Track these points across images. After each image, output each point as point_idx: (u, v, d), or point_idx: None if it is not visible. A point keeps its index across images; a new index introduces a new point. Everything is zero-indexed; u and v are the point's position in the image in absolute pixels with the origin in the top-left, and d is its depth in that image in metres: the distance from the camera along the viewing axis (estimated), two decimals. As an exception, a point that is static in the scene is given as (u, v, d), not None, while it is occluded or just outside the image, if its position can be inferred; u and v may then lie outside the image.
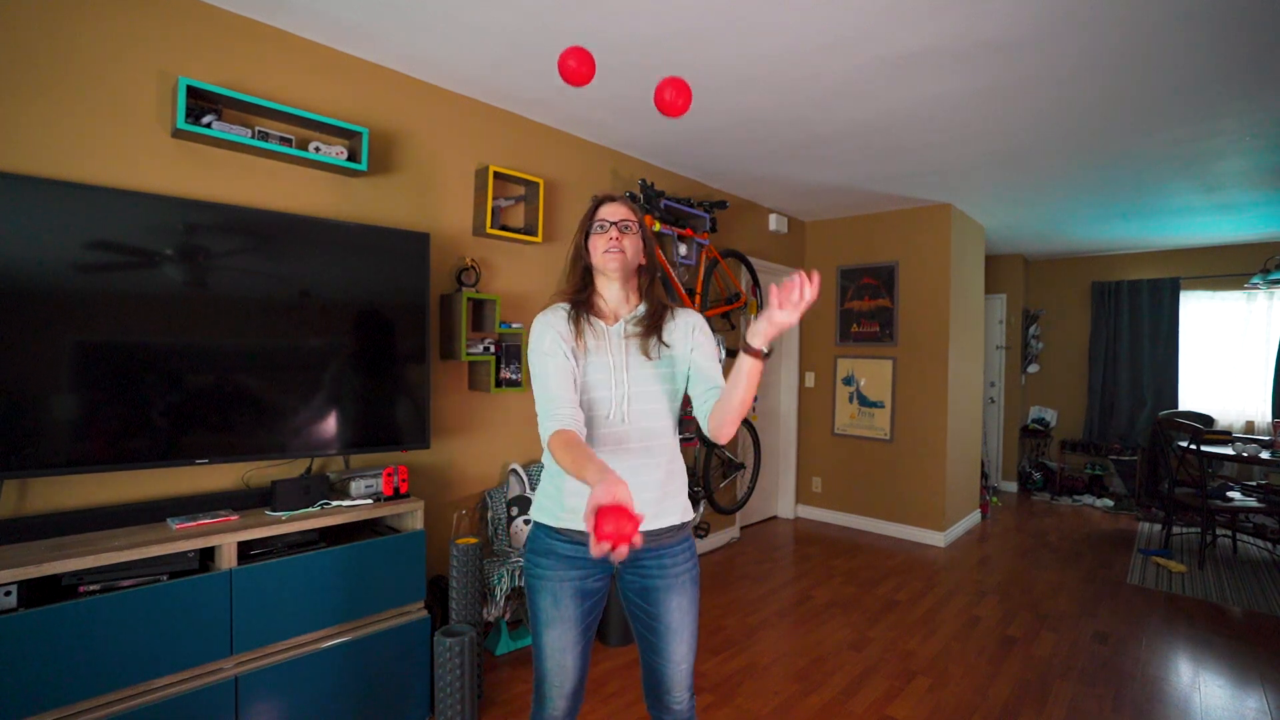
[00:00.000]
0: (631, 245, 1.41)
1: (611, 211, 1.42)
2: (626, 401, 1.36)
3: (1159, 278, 5.97)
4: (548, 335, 1.36)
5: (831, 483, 5.19)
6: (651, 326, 1.41)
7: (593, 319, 1.42)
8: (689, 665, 1.40)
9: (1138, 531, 5.05)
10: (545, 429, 1.26)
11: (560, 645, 1.36)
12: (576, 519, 1.33)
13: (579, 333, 1.38)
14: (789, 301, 1.13)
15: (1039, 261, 6.74)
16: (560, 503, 1.36)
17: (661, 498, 1.37)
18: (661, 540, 1.37)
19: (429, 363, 2.40)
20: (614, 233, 1.39)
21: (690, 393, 1.44)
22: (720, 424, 1.32)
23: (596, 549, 0.94)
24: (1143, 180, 3.86)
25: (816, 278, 1.16)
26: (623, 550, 0.93)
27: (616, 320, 1.43)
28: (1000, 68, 2.43)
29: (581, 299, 1.44)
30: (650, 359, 1.39)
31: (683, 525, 1.42)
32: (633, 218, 1.43)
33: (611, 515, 0.95)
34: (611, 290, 1.44)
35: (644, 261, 1.45)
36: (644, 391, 1.38)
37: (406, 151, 2.61)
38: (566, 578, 1.35)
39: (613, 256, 1.38)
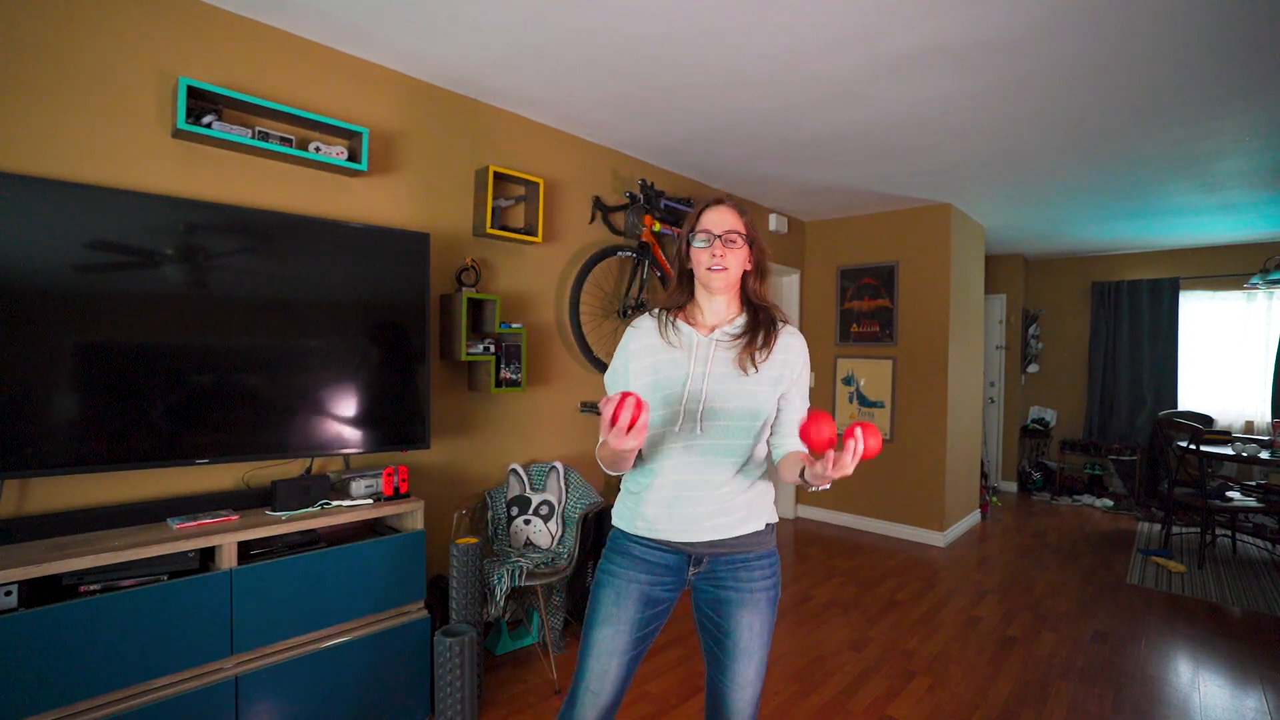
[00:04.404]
0: (737, 259, 1.30)
1: (716, 221, 1.30)
2: (701, 411, 1.26)
3: (1159, 278, 5.96)
4: (621, 354, 1.37)
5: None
6: (747, 340, 1.30)
7: (680, 324, 1.34)
8: (755, 691, 1.32)
9: (1137, 531, 5.05)
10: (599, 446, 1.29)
11: (609, 647, 1.28)
12: (651, 528, 1.32)
13: (661, 342, 1.32)
14: (843, 463, 1.10)
15: (1039, 261, 6.73)
16: (637, 512, 1.34)
17: (735, 508, 1.30)
18: (737, 549, 1.31)
19: (429, 363, 2.40)
20: (717, 247, 1.28)
21: (773, 426, 1.35)
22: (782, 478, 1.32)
23: (620, 434, 1.05)
24: (1143, 180, 3.86)
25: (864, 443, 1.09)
26: (641, 428, 1.05)
27: (712, 332, 1.33)
28: (999, 68, 2.43)
29: (677, 305, 1.37)
30: (741, 372, 1.28)
31: (761, 534, 1.34)
32: (740, 227, 1.30)
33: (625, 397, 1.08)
34: (712, 304, 1.34)
35: (749, 267, 1.33)
36: (724, 408, 1.27)
37: (406, 151, 2.61)
38: (636, 578, 1.32)
39: (716, 275, 1.29)
